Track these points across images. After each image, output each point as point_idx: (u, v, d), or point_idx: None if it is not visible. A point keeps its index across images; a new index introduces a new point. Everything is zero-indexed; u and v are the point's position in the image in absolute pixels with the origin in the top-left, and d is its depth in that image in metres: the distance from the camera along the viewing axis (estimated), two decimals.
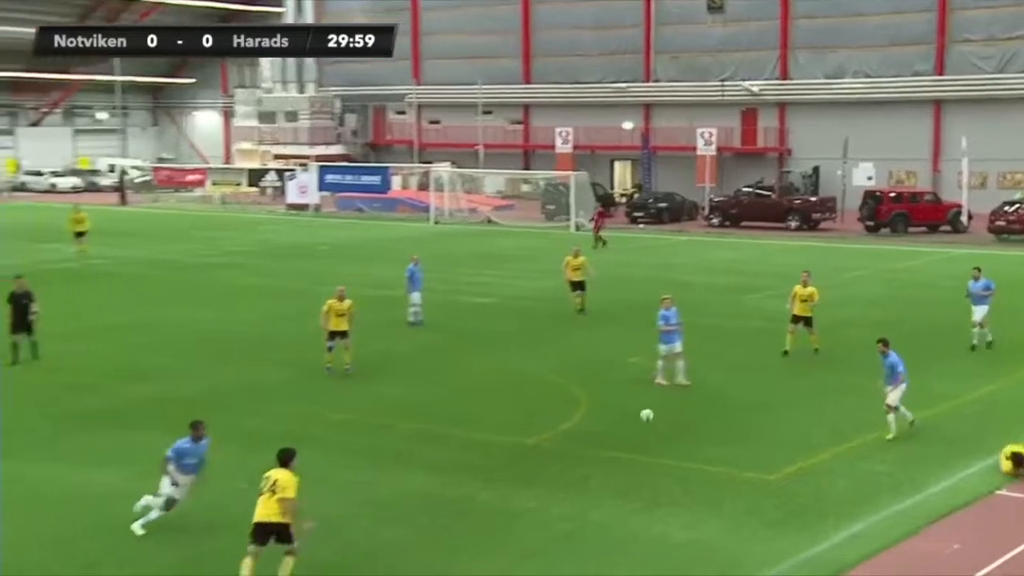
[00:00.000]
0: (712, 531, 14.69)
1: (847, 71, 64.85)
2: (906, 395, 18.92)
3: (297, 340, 27.81)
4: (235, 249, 46.94)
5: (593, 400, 21.47)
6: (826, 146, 61.92)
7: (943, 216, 53.17)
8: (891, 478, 16.81)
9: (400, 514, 15.26)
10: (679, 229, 55.69)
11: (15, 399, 21.20)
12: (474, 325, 29.74)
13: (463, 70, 73.95)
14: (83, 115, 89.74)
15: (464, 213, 60.46)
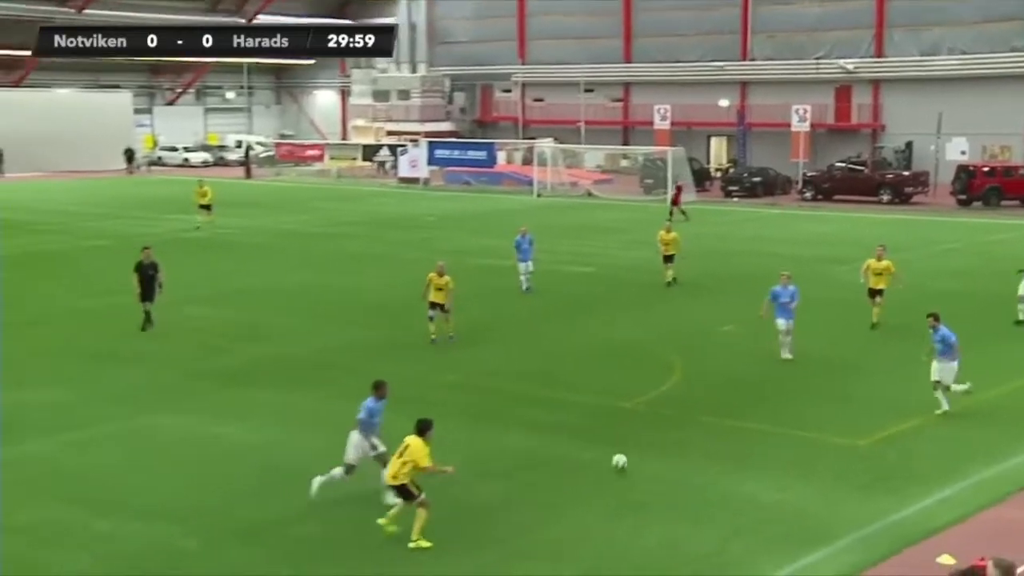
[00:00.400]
0: (801, 493, 14.47)
1: (942, 48, 62.97)
2: (959, 371, 17.85)
3: (407, 305, 27.98)
4: (350, 220, 47.42)
5: (687, 366, 21.27)
6: (920, 122, 60.25)
7: None
8: (979, 446, 16.36)
9: (501, 471, 15.31)
10: (772, 203, 54.81)
11: (152, 358, 21.81)
12: (574, 293, 29.66)
13: (566, 50, 73.62)
14: (213, 95, 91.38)
15: (565, 186, 60.24)
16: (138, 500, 14.21)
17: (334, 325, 25.28)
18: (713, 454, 16.03)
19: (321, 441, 16.53)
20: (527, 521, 13.53)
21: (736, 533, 13.16)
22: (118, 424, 17.49)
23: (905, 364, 21.25)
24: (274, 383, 19.99)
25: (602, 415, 18.13)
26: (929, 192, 54.37)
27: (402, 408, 18.30)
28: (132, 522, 13.45)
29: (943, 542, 12.81)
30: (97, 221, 46.00)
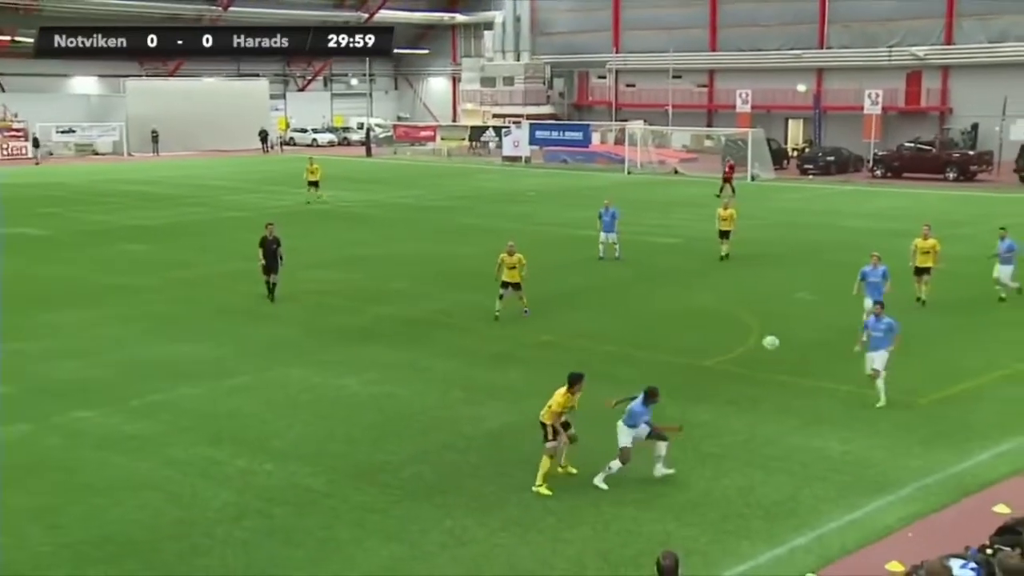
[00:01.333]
0: (866, 446, 14.22)
1: (1009, 36, 60.72)
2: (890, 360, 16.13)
3: None
4: (459, 194, 47.67)
5: (763, 329, 20.91)
6: (986, 105, 58.22)
7: None
8: None
9: (592, 422, 15.29)
10: (845, 180, 53.57)
11: (283, 318, 22.30)
12: (661, 262, 29.45)
13: (656, 40, 72.72)
14: (339, 81, 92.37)
15: (654, 165, 59.68)
16: (272, 443, 14.59)
17: (444, 289, 25.51)
18: (786, 410, 15.84)
19: (432, 393, 16.78)
20: None
21: (806, 482, 13.01)
22: (255, 375, 17.94)
23: (962, 332, 20.73)
24: (390, 340, 20.28)
25: (684, 373, 18.02)
26: (993, 171, 52.60)
27: (500, 364, 18.51)
28: (267, 462, 13.81)
29: (999, 492, 12.50)
30: (236, 195, 47.00)
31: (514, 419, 15.48)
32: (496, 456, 13.97)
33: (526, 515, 12.09)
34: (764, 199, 44.76)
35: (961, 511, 12.15)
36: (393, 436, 14.82)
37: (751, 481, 13.06)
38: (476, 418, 15.55)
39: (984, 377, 17.39)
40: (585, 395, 17.08)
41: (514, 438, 14.64)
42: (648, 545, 11.07)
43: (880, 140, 58.78)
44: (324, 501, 12.55)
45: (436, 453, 14.10)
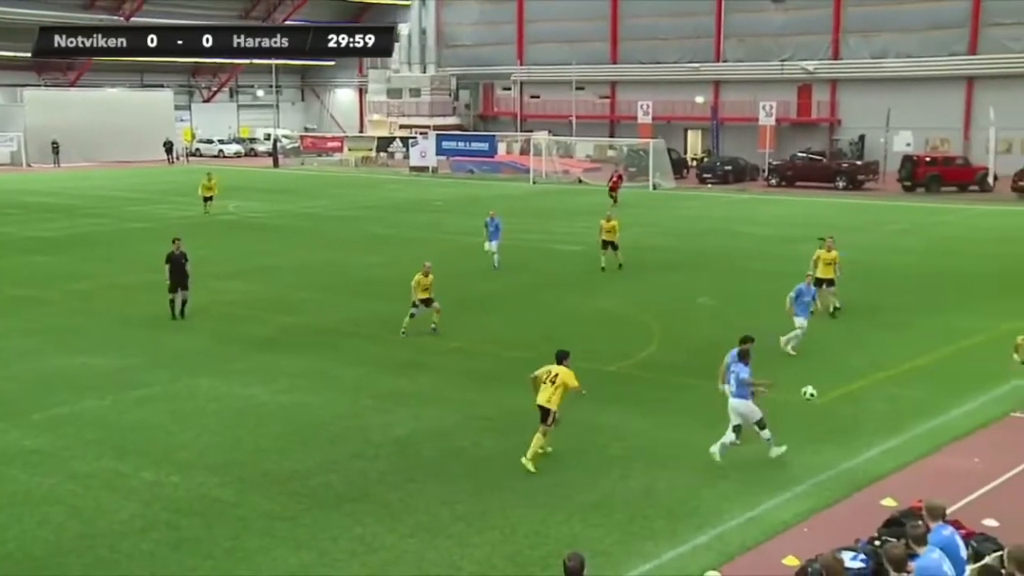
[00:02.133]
0: (765, 445, 14.49)
1: (891, 52, 62.94)
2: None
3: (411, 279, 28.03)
4: (367, 204, 47.37)
5: (667, 334, 21.30)
6: (871, 117, 60.26)
7: (972, 177, 51.54)
8: (921, 403, 16.41)
9: (501, 427, 15.35)
10: (742, 188, 54.75)
11: (190, 328, 21.81)
12: (565, 269, 29.65)
13: (560, 52, 73.39)
14: (245, 92, 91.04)
15: (558, 174, 60.13)
16: (179, 454, 14.26)
17: (352, 298, 25.28)
18: (688, 411, 16.08)
19: (340, 402, 16.62)
20: (525, 471, 13.56)
21: (708, 481, 13.21)
22: (162, 386, 17.52)
23: (853, 333, 21.30)
24: (299, 350, 20.02)
25: (590, 377, 18.00)
26: (879, 179, 54.36)
27: (409, 371, 18.41)
28: (174, 473, 13.49)
29: (886, 487, 12.88)
30: (140, 206, 45.91)
31: (423, 426, 15.41)
32: (404, 463, 13.89)
33: (434, 521, 12.03)
34: (665, 207, 45.48)
35: (852, 505, 12.47)
36: (302, 445, 14.61)
37: (655, 482, 13.21)
38: (385, 425, 15.44)
39: (871, 377, 17.92)
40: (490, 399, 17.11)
41: (422, 445, 14.58)
42: (556, 547, 11.12)
43: (774, 150, 60.30)
44: (232, 511, 12.31)
45: (345, 461, 13.95)
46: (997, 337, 20.78)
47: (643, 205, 46.24)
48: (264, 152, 77.95)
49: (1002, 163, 52.51)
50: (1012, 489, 12.95)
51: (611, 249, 28.71)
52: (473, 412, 16.07)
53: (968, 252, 31.98)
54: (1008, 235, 35.80)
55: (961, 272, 28.41)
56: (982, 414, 15.87)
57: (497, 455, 14.20)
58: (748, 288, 25.88)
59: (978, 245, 33.26)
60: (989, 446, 14.54)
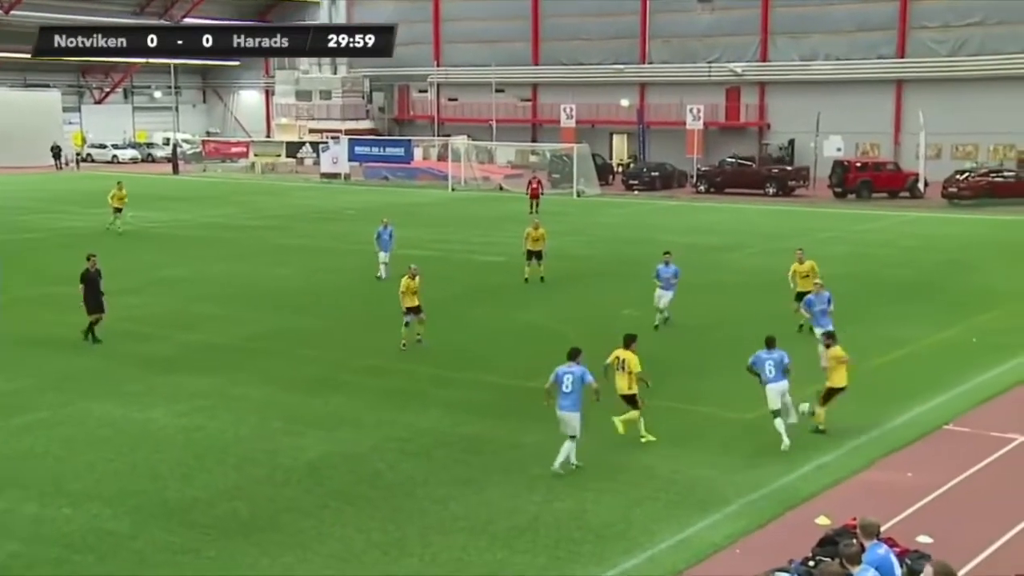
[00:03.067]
0: (694, 463, 14.68)
1: (819, 54, 64.48)
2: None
3: (330, 292, 27.87)
4: (275, 213, 46.85)
5: (592, 348, 21.33)
6: (801, 121, 61.57)
7: (903, 183, 52.94)
8: (854, 416, 16.72)
9: (419, 449, 15.27)
10: (669, 195, 55.43)
11: (84, 347, 21.27)
12: (486, 280, 29.67)
13: (479, 53, 73.59)
14: (141, 94, 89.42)
15: (478, 181, 60.21)
16: (70, 484, 13.88)
17: (260, 312, 24.94)
18: (615, 429, 16.15)
19: (246, 423, 16.37)
20: (444, 495, 13.51)
21: (636, 502, 13.30)
22: (51, 411, 17.05)
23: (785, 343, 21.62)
24: (202, 369, 19.67)
25: (513, 394, 18.17)
26: (809, 185, 55.52)
27: (321, 390, 18.23)
28: (64, 505, 13.12)
29: (821, 504, 13.11)
30: (25, 215, 44.73)
31: (336, 448, 15.25)
32: (316, 488, 13.72)
33: (348, 550, 11.90)
34: (590, 215, 45.83)
35: (785, 525, 12.67)
36: (204, 471, 14.34)
37: (582, 504, 13.26)
38: (295, 448, 15.24)
39: (803, 391, 18.21)
40: (407, 420, 17.00)
41: (335, 469, 14.42)
42: (479, 575, 11.07)
43: (703, 155, 61.23)
44: (129, 544, 12.01)
45: (252, 487, 13.73)
46: (928, 347, 21.38)
47: (567, 213, 46.52)
48: (163, 158, 76.65)
49: (932, 168, 54.09)
50: (946, 504, 13.29)
51: (536, 260, 28.69)
52: (389, 433, 15.96)
53: (899, 260, 32.82)
54: (938, 243, 36.85)
55: (892, 281, 29.13)
56: (915, 427, 16.28)
57: (415, 478, 14.11)
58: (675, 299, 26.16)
59: (909, 253, 34.16)
60: (923, 460, 14.92)
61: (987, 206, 47.01)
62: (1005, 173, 51.47)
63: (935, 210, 47.07)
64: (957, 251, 33.99)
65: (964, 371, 19.33)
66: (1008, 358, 20.28)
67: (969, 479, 14.08)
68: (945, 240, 37.50)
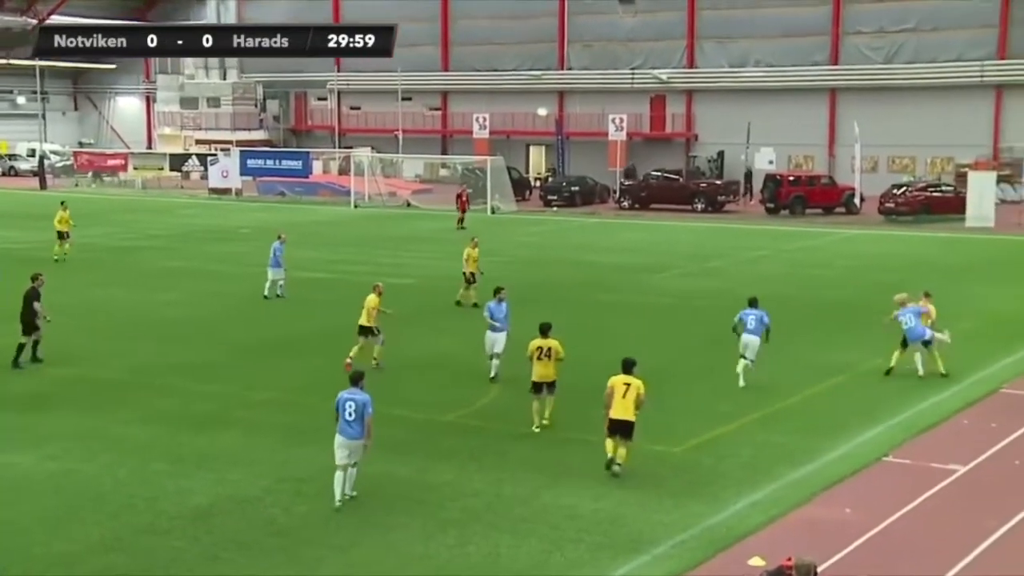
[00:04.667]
0: (619, 502, 14.79)
1: (749, 60, 65.78)
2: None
3: (222, 320, 27.54)
4: (157, 232, 46.14)
5: (508, 377, 21.48)
6: (730, 131, 62.64)
7: (838, 198, 54.22)
8: (789, 448, 17.06)
9: (318, 490, 15.13)
10: (591, 212, 55.95)
11: None
12: (394, 306, 29.51)
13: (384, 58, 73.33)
14: (2, 99, 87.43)
15: (384, 197, 60.12)
16: None
17: (143, 343, 24.52)
18: (534, 465, 16.24)
19: (126, 467, 16.06)
20: (346, 541, 13.42)
21: (557, 545, 13.35)
22: None
23: (716, 372, 22.00)
24: (75, 406, 19.25)
25: (423, 429, 18.13)
26: (740, 200, 56.51)
27: (210, 427, 17.97)
28: None
29: (754, 544, 13.31)
30: None
31: (226, 491, 15.05)
32: (204, 537, 13.51)
33: None
34: (506, 234, 46.01)
35: (717, 566, 12.84)
36: (77, 521, 14.02)
37: (498, 547, 13.27)
38: (181, 493, 15.00)
39: (736, 422, 18.53)
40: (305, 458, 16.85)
41: (226, 515, 14.22)
42: None
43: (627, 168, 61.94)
44: None
45: (132, 538, 13.46)
46: (865, 373, 21.88)
47: (481, 231, 46.68)
48: (28, 171, 74.99)
49: (868, 182, 55.51)
50: (886, 541, 13.60)
51: (473, 282, 28.83)
52: (285, 474, 15.80)
53: (834, 280, 33.58)
54: (876, 262, 37.78)
55: (827, 302, 29.78)
56: (854, 459, 16.63)
57: (313, 523, 13.99)
58: (597, 324, 26.40)
59: (845, 273, 34.97)
60: (862, 494, 15.24)
61: (925, 223, 48.40)
62: (943, 188, 53.05)
63: (872, 227, 48.27)
64: (895, 271, 34.86)
65: (904, 399, 19.83)
66: (949, 385, 20.86)
67: (910, 514, 14.43)
68: (883, 259, 38.47)
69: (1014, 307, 29.05)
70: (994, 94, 59.91)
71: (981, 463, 16.47)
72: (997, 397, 20.26)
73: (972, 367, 22.12)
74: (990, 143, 60.09)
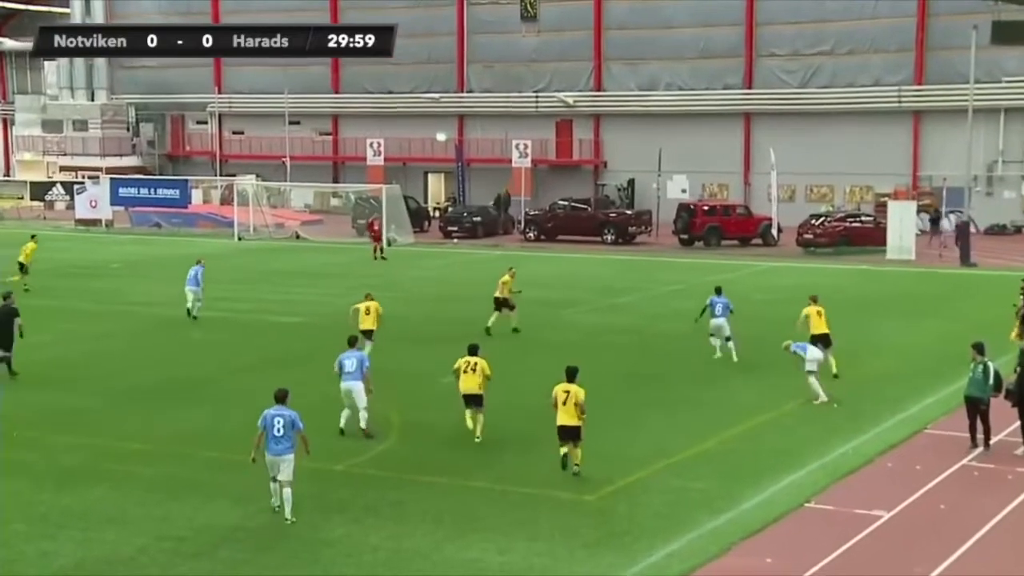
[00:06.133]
0: (528, 554, 14.78)
1: (660, 83, 66.69)
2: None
3: (92, 362, 27.01)
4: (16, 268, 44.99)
5: (406, 422, 21.39)
6: (641, 158, 63.38)
7: (754, 229, 55.09)
8: (707, 494, 17.22)
9: (200, 548, 14.86)
10: (495, 244, 56.11)
11: None
12: (279, 346, 29.28)
13: (268, 78, 73.07)
14: None
15: (270, 228, 59.59)
16: None
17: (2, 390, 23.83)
18: (436, 517, 16.16)
19: None
20: None
21: None
22: None
23: (635, 410, 22.17)
24: None
25: (314, 479, 17.89)
26: (652, 231, 57.12)
27: (76, 483, 17.55)
28: None
29: None
30: None
31: (94, 552, 14.73)
32: None
33: None
34: (403, 268, 45.92)
35: None
36: None
37: None
38: (42, 556, 14.62)
39: (651, 467, 18.65)
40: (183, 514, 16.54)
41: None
42: None
43: (531, 197, 62.30)
44: None
45: None
46: (783, 416, 22.22)
47: (376, 265, 46.48)
48: None
49: (786, 212, 56.50)
50: None
51: (506, 308, 30.60)
52: (162, 531, 15.49)
53: (752, 316, 34.05)
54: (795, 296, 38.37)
55: (744, 337, 30.18)
56: (774, 506, 16.84)
57: None
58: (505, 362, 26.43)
59: (761, 307, 35.52)
60: (783, 542, 15.44)
61: (845, 254, 49.46)
62: (863, 218, 54.31)
63: (790, 259, 49.20)
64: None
65: (824, 441, 20.15)
66: (870, 425, 21.29)
67: (834, 563, 14.64)
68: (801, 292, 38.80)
69: (934, 343, 29.78)
70: (912, 120, 61.63)
71: (906, 507, 16.81)
72: (920, 438, 20.72)
73: (894, 407, 22.60)
74: (909, 171, 61.74)
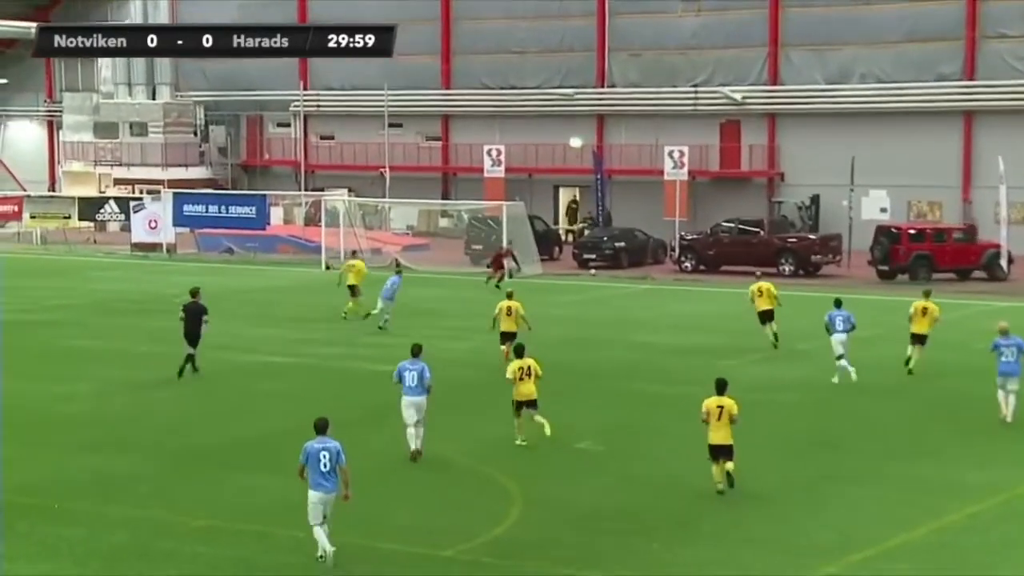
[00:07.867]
0: None
1: (853, 74, 65.59)
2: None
3: (146, 418, 27.43)
4: (61, 303, 46.23)
5: (530, 496, 21.29)
6: (828, 169, 62.39)
7: (977, 259, 53.69)
8: None
9: None
10: (642, 275, 55.83)
11: None
12: (375, 398, 29.44)
13: (365, 71, 73.73)
14: None
15: (365, 254, 60.18)
16: None
17: (39, 450, 24.44)
18: None
19: None
20: None
21: None
22: None
23: (813, 488, 21.75)
24: None
25: (414, 566, 17.95)
26: (842, 261, 56.11)
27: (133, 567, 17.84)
28: None
29: None
30: None
31: None
32: None
33: None
34: (529, 304, 45.74)
35: None
36: None
37: None
38: None
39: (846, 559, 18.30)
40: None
41: None
42: None
43: (688, 218, 61.82)
44: None
45: None
46: (1017, 498, 21.61)
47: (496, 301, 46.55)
48: None
49: (1018, 236, 54.85)
50: None
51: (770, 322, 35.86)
52: None
53: (967, 370, 33.14)
54: None
55: (964, 396, 29.47)
56: None
57: None
58: (645, 422, 26.32)
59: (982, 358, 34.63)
60: None
61: None
62: None
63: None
64: None
65: None
66: None
67: None
68: None
69: None
70: None
71: None
72: None
73: None
74: None
